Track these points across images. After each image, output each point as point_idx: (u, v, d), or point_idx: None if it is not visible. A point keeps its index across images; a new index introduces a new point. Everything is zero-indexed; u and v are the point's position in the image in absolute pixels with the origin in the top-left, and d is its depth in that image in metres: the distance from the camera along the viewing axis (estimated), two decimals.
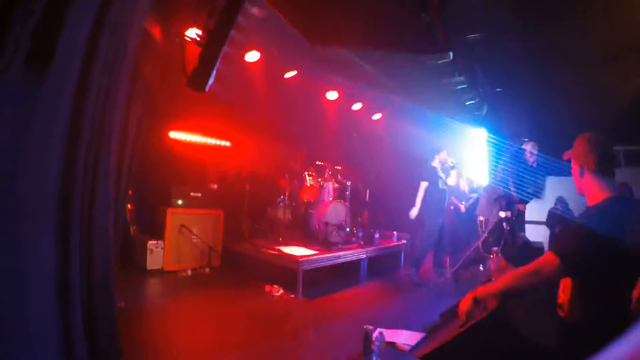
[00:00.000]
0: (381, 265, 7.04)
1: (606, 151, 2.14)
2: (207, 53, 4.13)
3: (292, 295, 5.11)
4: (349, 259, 6.17)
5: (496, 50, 6.08)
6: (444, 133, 8.12)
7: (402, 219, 8.47)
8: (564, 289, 2.06)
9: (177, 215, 5.84)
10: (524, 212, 5.69)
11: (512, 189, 5.48)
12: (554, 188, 6.69)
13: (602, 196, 2.04)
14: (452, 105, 7.55)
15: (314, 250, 5.93)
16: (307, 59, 6.57)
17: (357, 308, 4.95)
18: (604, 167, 2.08)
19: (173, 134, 6.67)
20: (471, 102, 6.92)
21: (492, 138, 7.68)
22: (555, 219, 6.14)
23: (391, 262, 7.43)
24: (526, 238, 5.59)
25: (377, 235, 7.13)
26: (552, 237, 5.87)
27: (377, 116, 8.56)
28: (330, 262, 5.80)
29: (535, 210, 7.16)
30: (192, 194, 6.12)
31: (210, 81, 4.00)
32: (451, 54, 5.52)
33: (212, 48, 4.11)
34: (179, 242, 5.81)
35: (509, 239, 5.13)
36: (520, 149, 6.16)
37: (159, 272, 5.57)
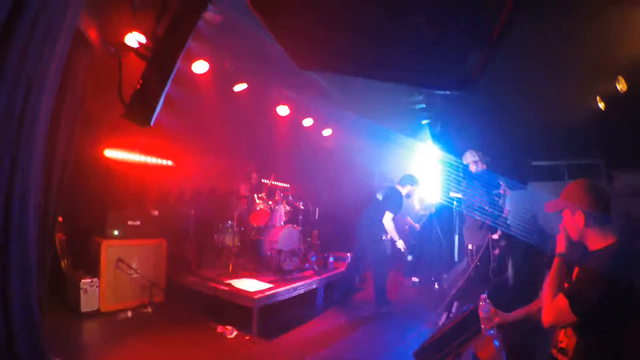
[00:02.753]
0: (336, 290, 6.72)
1: (608, 198, 2.10)
2: (154, 71, 3.21)
3: (247, 337, 4.62)
4: (305, 289, 5.78)
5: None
6: (395, 149, 8.02)
7: (353, 238, 8.32)
8: (567, 334, 2.04)
9: (113, 248, 5.10)
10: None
11: (487, 208, 5.39)
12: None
13: (609, 240, 2.02)
14: (407, 122, 7.49)
15: (268, 282, 5.48)
16: (258, 72, 6.12)
17: (322, 348, 4.55)
18: (608, 213, 2.06)
19: (109, 152, 5.88)
20: (427, 121, 6.87)
21: (444, 156, 7.70)
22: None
23: (346, 285, 7.13)
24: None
25: (331, 259, 6.83)
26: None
27: (327, 132, 8.26)
28: (287, 295, 5.38)
29: None
30: (130, 222, 5.40)
31: (157, 111, 3.14)
32: None
33: (161, 64, 3.21)
34: (116, 278, 5.07)
35: (497, 268, 5.04)
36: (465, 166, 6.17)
37: (96, 315, 4.82)
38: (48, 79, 3.08)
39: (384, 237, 5.98)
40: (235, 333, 4.69)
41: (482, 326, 2.54)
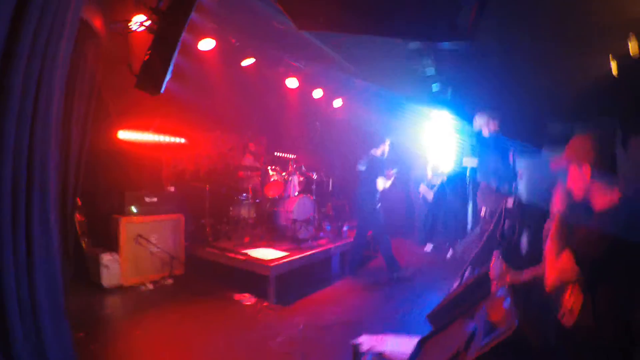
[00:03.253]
0: (353, 257, 6.84)
1: (614, 150, 2.05)
2: (161, 41, 3.32)
3: (265, 304, 4.81)
4: (321, 257, 5.92)
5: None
6: (407, 116, 7.96)
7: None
8: (573, 293, 1.97)
9: (132, 224, 5.31)
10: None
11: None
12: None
13: (614, 196, 1.94)
14: (417, 88, 7.39)
15: (283, 250, 5.62)
16: (265, 45, 6.12)
17: (338, 312, 4.70)
18: (613, 168, 1.98)
19: (122, 134, 6.02)
20: (437, 87, 6.78)
21: (456, 122, 7.61)
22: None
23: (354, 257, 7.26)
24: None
25: (345, 228, 6.93)
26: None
27: (337, 102, 8.22)
28: (302, 263, 5.52)
29: None
30: (147, 199, 5.58)
31: (167, 78, 3.24)
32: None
33: (168, 34, 3.30)
34: (136, 253, 5.29)
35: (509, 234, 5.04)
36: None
37: (118, 289, 5.07)
38: (58, 68, 3.19)
39: (378, 206, 6.04)
40: (252, 300, 4.87)
41: (494, 284, 2.56)
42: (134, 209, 5.42)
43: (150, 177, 6.16)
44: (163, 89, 3.05)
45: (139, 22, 4.02)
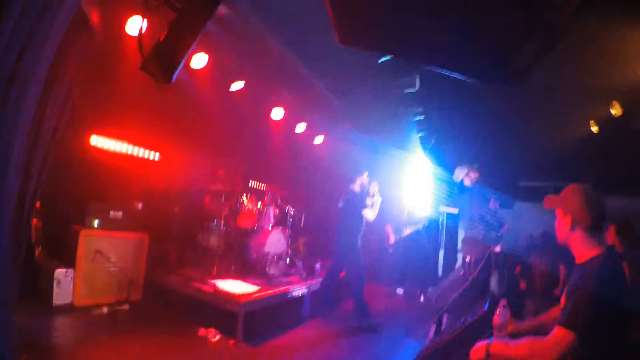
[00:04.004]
0: (323, 298, 6.51)
1: (604, 210, 2.10)
2: (184, 22, 2.80)
3: (231, 342, 4.37)
4: (293, 294, 5.56)
5: (449, 83, 6.04)
6: (387, 160, 7.95)
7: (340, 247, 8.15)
8: None
9: (92, 238, 4.80)
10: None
11: (488, 219, 5.33)
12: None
13: (594, 251, 2.02)
14: (400, 133, 7.43)
15: (254, 285, 5.24)
16: (257, 70, 5.97)
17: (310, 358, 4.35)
18: (598, 226, 2.08)
19: (95, 140, 5.58)
20: (422, 133, 6.83)
21: (435, 169, 7.67)
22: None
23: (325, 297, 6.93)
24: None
25: (317, 266, 6.63)
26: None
27: (319, 139, 8.13)
28: (274, 300, 5.15)
29: None
30: (111, 213, 5.11)
31: (180, 68, 2.80)
32: (418, 83, 5.33)
33: (194, 14, 2.81)
34: (93, 270, 4.75)
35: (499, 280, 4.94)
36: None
37: (69, 308, 4.49)
38: (43, 53, 2.87)
39: (359, 245, 5.82)
40: (218, 337, 4.44)
41: (495, 333, 2.44)
42: (96, 222, 4.92)
43: (117, 189, 5.67)
44: (174, 78, 2.70)
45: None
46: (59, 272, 4.44)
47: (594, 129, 6.27)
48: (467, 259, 5.67)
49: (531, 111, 6.33)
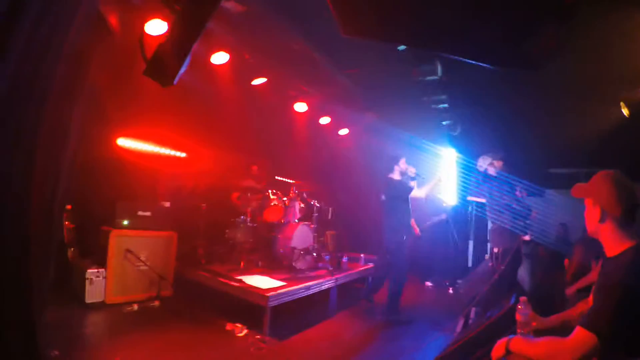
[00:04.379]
0: (349, 292, 6.51)
1: (636, 199, 1.94)
2: (183, 24, 2.79)
3: (258, 336, 4.42)
4: (319, 288, 5.58)
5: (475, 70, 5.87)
6: (413, 151, 7.83)
7: (367, 240, 8.11)
8: None
9: (122, 238, 4.96)
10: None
11: (515, 207, 5.19)
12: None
13: (626, 245, 1.88)
14: (426, 123, 7.30)
15: (280, 279, 5.28)
16: (278, 65, 5.97)
17: (337, 355, 4.34)
18: (631, 216, 1.91)
19: (122, 141, 5.74)
20: (447, 122, 6.68)
21: (461, 158, 7.51)
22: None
23: (358, 287, 6.94)
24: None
25: (344, 260, 6.62)
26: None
27: (344, 131, 8.09)
28: (301, 294, 5.18)
29: None
30: (140, 212, 5.26)
31: (183, 69, 2.78)
32: (440, 70, 5.20)
33: (192, 16, 2.77)
34: (124, 269, 4.93)
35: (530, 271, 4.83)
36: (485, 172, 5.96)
37: (101, 306, 4.67)
38: (61, 56, 2.94)
39: (404, 238, 5.56)
40: (245, 331, 4.50)
41: (519, 330, 2.33)
42: (125, 222, 5.09)
43: (145, 189, 5.85)
44: (176, 80, 2.71)
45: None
46: (91, 272, 4.61)
47: (625, 111, 5.96)
48: (495, 249, 5.51)
49: (560, 97, 6.08)
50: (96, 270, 4.66)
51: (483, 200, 7.09)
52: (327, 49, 5.89)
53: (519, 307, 2.35)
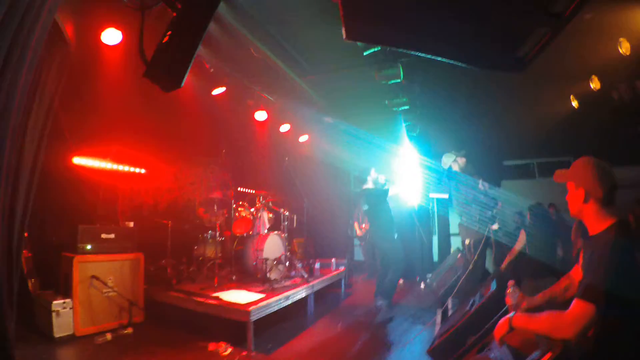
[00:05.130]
0: (324, 297, 6.47)
1: (615, 181, 2.10)
2: (186, 20, 2.57)
3: (243, 353, 4.27)
4: (297, 297, 5.50)
5: (431, 71, 6.07)
6: (372, 152, 7.96)
7: (332, 244, 8.12)
8: None
9: (86, 264, 4.60)
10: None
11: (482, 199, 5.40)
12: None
13: (608, 222, 2.04)
14: (385, 125, 7.44)
15: (258, 292, 5.15)
16: (238, 74, 5.85)
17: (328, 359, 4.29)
18: (611, 196, 2.08)
19: (78, 160, 5.35)
20: (407, 123, 6.84)
21: (422, 158, 7.72)
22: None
23: (333, 292, 6.93)
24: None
25: (317, 266, 6.58)
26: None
27: (303, 138, 8.06)
28: (280, 305, 5.07)
29: None
30: (103, 235, 4.92)
31: (189, 68, 2.55)
32: (402, 73, 5.32)
33: (195, 11, 2.58)
34: (91, 297, 4.57)
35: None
36: (450, 171, 6.18)
37: (71, 339, 4.30)
38: (21, 72, 2.71)
39: (395, 236, 5.84)
40: (229, 349, 4.33)
41: (511, 312, 2.42)
42: (88, 247, 4.73)
43: (105, 209, 5.48)
44: (183, 82, 2.51)
45: None
46: (57, 304, 4.23)
47: (574, 103, 6.42)
48: (467, 242, 5.71)
49: (512, 91, 6.43)
50: (62, 301, 4.28)
51: (445, 196, 7.34)
52: (286, 57, 5.87)
53: (509, 290, 2.53)
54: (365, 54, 4.81)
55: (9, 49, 2.42)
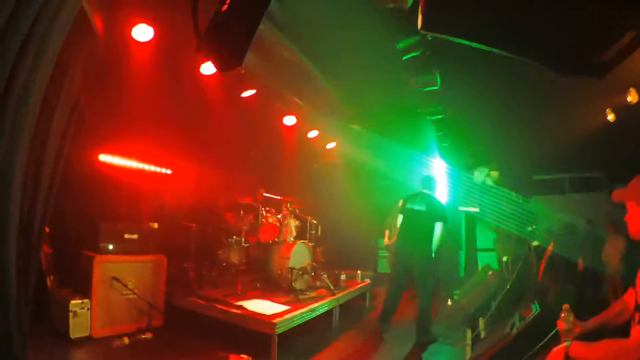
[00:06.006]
0: (349, 309, 6.21)
1: None
2: None
3: None
4: (322, 309, 5.26)
5: (468, 80, 5.85)
6: (401, 163, 7.73)
7: (355, 255, 7.88)
8: None
9: (107, 264, 4.45)
10: None
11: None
12: None
13: None
14: (415, 135, 7.23)
15: (282, 302, 4.93)
16: (269, 77, 5.70)
17: None
18: None
19: (103, 157, 5.25)
20: (440, 133, 6.61)
21: (451, 169, 7.48)
22: None
23: (357, 304, 6.67)
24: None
25: (343, 277, 6.35)
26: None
27: (331, 145, 7.89)
28: (306, 318, 4.83)
29: None
30: (127, 235, 4.77)
31: (251, 44, 2.23)
32: (439, 81, 5.11)
33: None
34: (110, 299, 4.41)
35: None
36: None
37: (87, 341, 4.13)
38: (43, 58, 2.57)
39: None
40: None
41: (563, 339, 2.32)
42: (110, 246, 4.58)
43: (128, 208, 5.34)
44: (244, 60, 2.21)
45: None
46: (75, 304, 4.08)
47: (610, 117, 6.11)
48: (504, 259, 5.42)
49: (546, 103, 6.16)
50: (80, 301, 4.12)
51: (476, 210, 7.06)
52: (318, 61, 5.72)
53: (562, 315, 2.34)
54: (404, 58, 4.61)
55: (28, 35, 2.28)
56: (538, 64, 2.19)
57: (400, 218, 5.49)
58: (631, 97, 5.79)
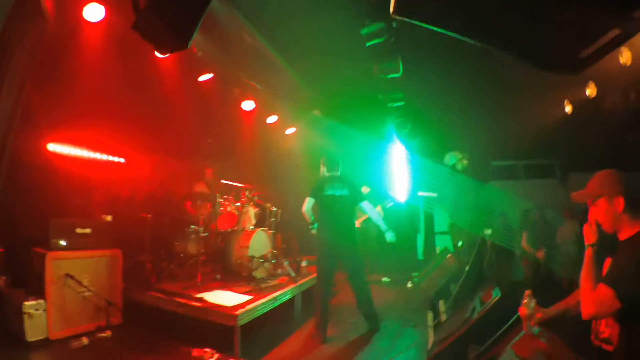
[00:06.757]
0: (311, 296, 6.24)
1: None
2: None
3: (231, 359, 4.02)
4: (285, 298, 5.26)
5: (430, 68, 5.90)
6: (360, 147, 7.74)
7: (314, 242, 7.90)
8: (608, 323, 2.05)
9: (60, 261, 4.22)
10: None
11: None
12: None
13: (637, 227, 2.01)
14: (374, 120, 7.25)
15: (244, 293, 4.87)
16: (227, 61, 5.50)
17: None
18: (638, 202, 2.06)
19: (52, 147, 4.90)
20: (399, 119, 6.67)
21: (411, 155, 7.60)
22: None
23: None
24: None
25: (304, 264, 6.35)
26: None
27: (290, 130, 7.77)
28: (268, 307, 4.81)
29: None
30: (79, 230, 4.53)
31: (199, 24, 2.13)
32: (401, 68, 5.11)
33: None
34: (65, 298, 4.20)
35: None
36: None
37: (44, 343, 3.93)
38: None
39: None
40: (216, 356, 4.06)
41: (524, 324, 2.44)
42: (62, 242, 4.33)
43: (80, 201, 5.06)
44: (190, 42, 2.00)
45: None
46: (29, 305, 3.86)
47: (568, 108, 6.38)
48: (459, 244, 5.61)
49: (508, 92, 6.34)
50: (35, 302, 3.90)
51: (434, 195, 7.22)
52: (278, 46, 5.57)
53: (524, 301, 2.41)
54: (367, 44, 4.56)
55: None
56: (512, 56, 2.21)
57: (311, 204, 5.12)
58: (590, 91, 6.02)
